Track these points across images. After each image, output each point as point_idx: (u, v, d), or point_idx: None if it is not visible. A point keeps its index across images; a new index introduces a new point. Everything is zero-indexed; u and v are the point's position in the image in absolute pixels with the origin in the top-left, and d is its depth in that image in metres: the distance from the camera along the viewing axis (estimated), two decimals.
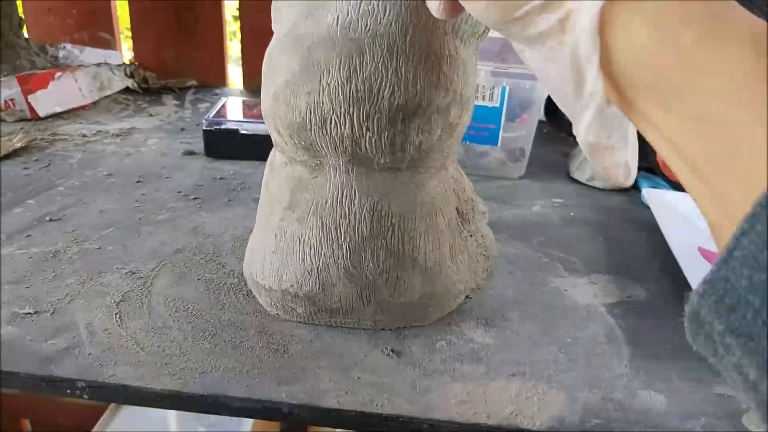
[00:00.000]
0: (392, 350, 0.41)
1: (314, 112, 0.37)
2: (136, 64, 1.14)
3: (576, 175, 0.78)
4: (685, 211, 0.63)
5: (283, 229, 0.41)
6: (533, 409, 0.36)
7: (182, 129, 0.89)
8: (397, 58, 0.36)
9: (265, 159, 0.77)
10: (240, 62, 1.19)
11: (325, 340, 0.42)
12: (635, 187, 0.77)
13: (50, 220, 0.57)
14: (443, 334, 0.43)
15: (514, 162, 0.76)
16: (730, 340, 0.18)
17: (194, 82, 1.17)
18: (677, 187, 0.71)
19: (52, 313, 0.43)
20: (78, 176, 0.68)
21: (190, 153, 0.78)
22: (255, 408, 0.36)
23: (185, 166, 0.74)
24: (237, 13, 1.16)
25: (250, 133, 0.76)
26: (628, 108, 0.24)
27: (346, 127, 0.37)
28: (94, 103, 0.99)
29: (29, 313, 0.42)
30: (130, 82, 1.08)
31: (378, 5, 0.36)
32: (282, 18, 0.41)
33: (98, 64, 1.02)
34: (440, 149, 0.40)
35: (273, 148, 0.45)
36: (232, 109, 0.84)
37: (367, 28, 0.36)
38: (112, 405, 1.23)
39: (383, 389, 0.37)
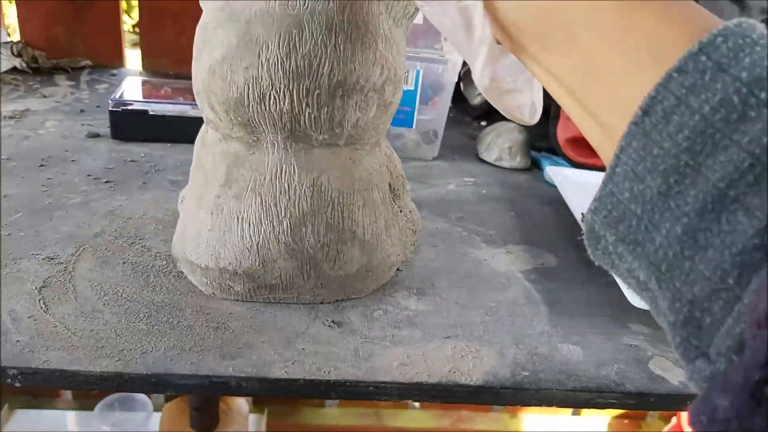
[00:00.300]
0: (333, 321, 0.42)
1: (253, 88, 0.37)
2: (23, 42, 1.05)
3: (484, 156, 0.82)
4: (584, 186, 0.69)
5: (219, 206, 0.41)
6: (469, 366, 0.39)
7: (82, 111, 0.84)
8: (335, 35, 0.37)
9: (175, 141, 0.75)
10: (134, 43, 1.14)
11: (265, 315, 0.42)
12: (538, 167, 0.82)
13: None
14: (379, 304, 0.45)
15: (428, 143, 0.79)
16: (621, 249, 0.21)
17: (88, 62, 1.10)
18: (577, 165, 0.77)
19: None
20: None
21: (95, 135, 0.74)
22: (202, 384, 0.36)
23: (91, 148, 0.70)
24: None
25: (159, 113, 0.74)
26: (520, 52, 0.26)
27: (286, 103, 0.38)
28: None
29: None
30: (17, 62, 1.00)
31: None
32: None
33: None
34: (375, 126, 0.42)
35: (203, 125, 0.45)
36: (137, 89, 0.80)
37: (306, 4, 0.36)
38: (7, 406, 1.15)
39: (328, 357, 0.38)
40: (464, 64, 0.94)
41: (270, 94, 0.37)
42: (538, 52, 0.25)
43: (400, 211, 0.49)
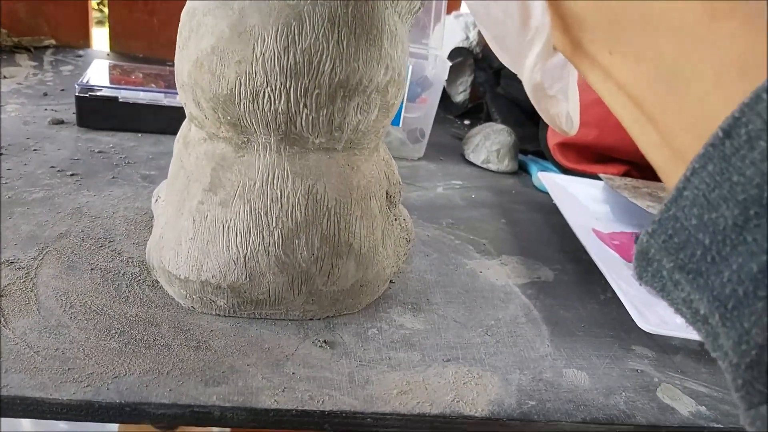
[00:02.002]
0: (324, 341, 0.38)
1: (245, 84, 0.34)
2: None
3: (471, 158, 0.80)
4: (575, 194, 0.67)
5: (203, 213, 0.37)
6: (472, 394, 0.36)
7: (45, 94, 0.79)
8: (339, 30, 0.33)
9: (146, 131, 0.71)
10: (98, 21, 1.07)
11: (250, 333, 0.38)
12: (525, 170, 0.80)
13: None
14: (373, 321, 0.42)
15: (414, 143, 0.76)
16: (678, 277, 0.19)
17: (52, 41, 1.04)
18: (566, 170, 0.75)
19: None
20: None
21: (59, 122, 0.69)
22: (182, 414, 0.32)
23: (55, 136, 0.65)
24: None
25: (130, 101, 0.69)
26: (574, 50, 0.23)
27: (281, 103, 0.34)
28: None
29: None
30: None
31: None
32: None
33: None
34: (376, 130, 0.39)
35: (185, 122, 0.41)
36: (106, 73, 0.75)
37: None
38: None
39: (321, 384, 0.35)
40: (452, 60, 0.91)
41: (264, 92, 0.34)
42: (601, 53, 0.22)
43: (395, 219, 0.45)
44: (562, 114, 0.28)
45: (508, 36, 0.25)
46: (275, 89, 0.34)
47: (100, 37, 1.13)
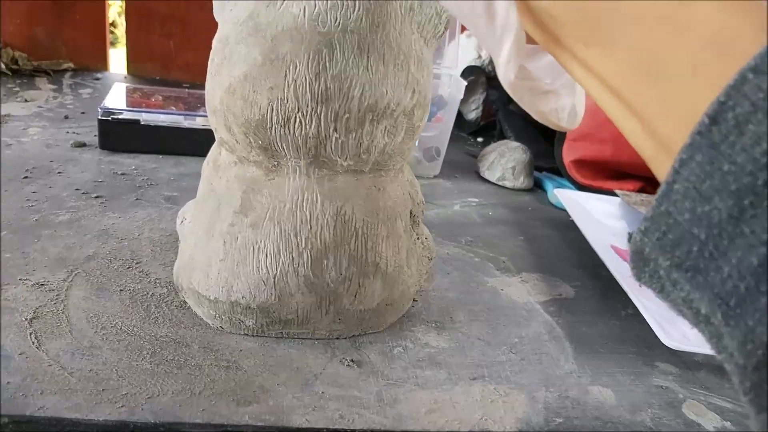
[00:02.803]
0: (352, 360, 0.39)
1: (277, 110, 0.34)
2: (3, 42, 1.00)
3: (486, 175, 0.80)
4: (592, 211, 0.67)
5: (233, 234, 0.38)
6: (500, 412, 0.37)
7: (66, 117, 0.80)
8: (368, 56, 0.34)
9: (167, 152, 0.72)
10: (111, 43, 1.09)
11: (279, 352, 0.39)
12: (540, 187, 0.81)
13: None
14: (399, 340, 0.42)
15: (430, 161, 0.77)
16: (676, 275, 0.18)
17: (70, 65, 1.06)
18: (582, 187, 0.75)
19: None
20: None
21: (82, 145, 0.70)
22: None
23: (78, 159, 0.66)
24: None
25: (151, 124, 0.70)
26: (553, 45, 0.22)
27: (312, 127, 0.35)
28: None
29: None
30: None
31: None
32: (229, 3, 0.38)
33: None
34: (402, 151, 0.39)
35: (214, 146, 0.42)
36: (126, 96, 0.76)
37: (337, 22, 0.34)
38: None
39: (351, 403, 0.35)
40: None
41: (295, 117, 0.35)
42: (576, 46, 0.21)
43: (417, 238, 0.46)
44: (565, 108, 0.26)
45: (480, 33, 0.24)
46: (306, 114, 0.34)
47: (116, 59, 1.15)
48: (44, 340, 0.37)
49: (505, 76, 0.23)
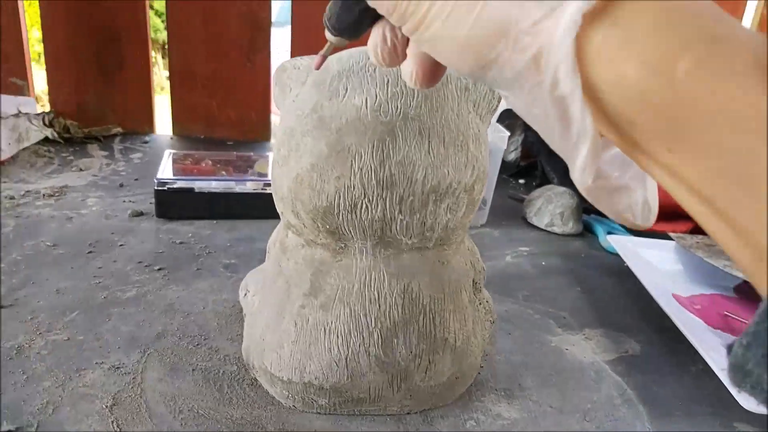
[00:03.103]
0: None
1: (344, 197, 0.35)
2: (54, 111, 1.05)
3: (534, 221, 0.80)
4: (648, 257, 0.66)
5: (304, 316, 0.38)
6: None
7: (121, 185, 0.83)
8: (429, 140, 0.35)
9: (220, 217, 0.74)
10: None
11: (352, 430, 0.39)
12: (590, 231, 0.80)
13: (1, 307, 0.50)
14: (470, 412, 0.42)
15: (477, 211, 0.77)
16: None
17: (119, 129, 1.10)
18: (632, 230, 0.74)
19: (37, 427, 0.37)
20: (18, 248, 0.61)
21: (139, 214, 0.73)
22: None
23: (136, 229, 0.68)
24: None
25: (205, 191, 0.72)
26: (631, 148, 0.21)
27: (378, 211, 0.36)
28: (13, 158, 0.90)
29: (10, 431, 0.37)
30: (49, 132, 1.00)
31: (406, 87, 0.35)
32: (291, 93, 0.39)
33: (16, 115, 0.93)
34: (463, 225, 0.40)
35: (280, 227, 0.43)
36: (177, 163, 0.79)
37: (398, 110, 0.35)
38: None
39: None
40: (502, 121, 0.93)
41: (362, 203, 0.35)
42: (659, 152, 0.20)
43: (479, 303, 0.46)
44: (638, 203, 0.25)
45: (553, 137, 0.23)
46: (372, 200, 0.35)
47: (160, 119, 1.19)
48: (125, 426, 0.38)
49: (582, 182, 0.23)
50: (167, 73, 1.13)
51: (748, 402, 0.41)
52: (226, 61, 1.08)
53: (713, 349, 0.48)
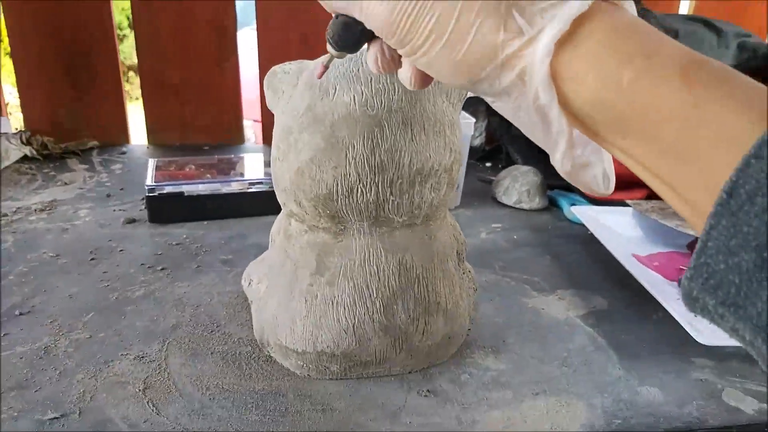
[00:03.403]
0: (428, 390, 0.44)
1: (341, 184, 0.40)
2: (29, 129, 1.07)
3: (503, 200, 0.86)
4: (609, 223, 0.73)
5: (313, 293, 0.43)
6: (566, 421, 0.42)
7: (108, 195, 0.86)
8: (411, 129, 0.40)
9: (210, 218, 0.78)
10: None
11: (363, 392, 0.44)
12: (555, 205, 0.86)
13: (20, 314, 0.53)
14: (463, 367, 0.47)
15: None
16: (722, 310, 0.23)
17: (95, 142, 1.12)
18: (593, 200, 0.81)
19: (80, 413, 0.41)
20: (22, 261, 0.64)
21: (132, 221, 0.76)
22: None
23: (132, 235, 0.72)
24: None
25: (194, 194, 0.76)
26: (594, 136, 0.28)
27: (372, 194, 0.41)
28: None
29: (56, 418, 0.41)
30: (27, 150, 1.02)
31: (388, 83, 0.40)
32: (284, 95, 0.44)
33: None
34: (444, 202, 0.45)
35: (281, 217, 0.47)
36: (163, 170, 0.82)
37: (383, 104, 0.40)
38: None
39: (436, 428, 0.41)
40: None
41: (357, 188, 0.40)
42: (615, 139, 0.26)
43: (464, 273, 0.52)
44: (599, 175, 0.30)
45: (537, 135, 0.29)
46: (366, 185, 0.40)
47: (135, 129, 1.21)
48: (161, 407, 0.42)
49: (562, 168, 0.29)
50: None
51: (702, 337, 0.47)
52: (196, 68, 1.11)
53: (672, 299, 0.54)
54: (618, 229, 0.71)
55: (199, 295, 0.58)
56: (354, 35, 0.31)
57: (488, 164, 1.09)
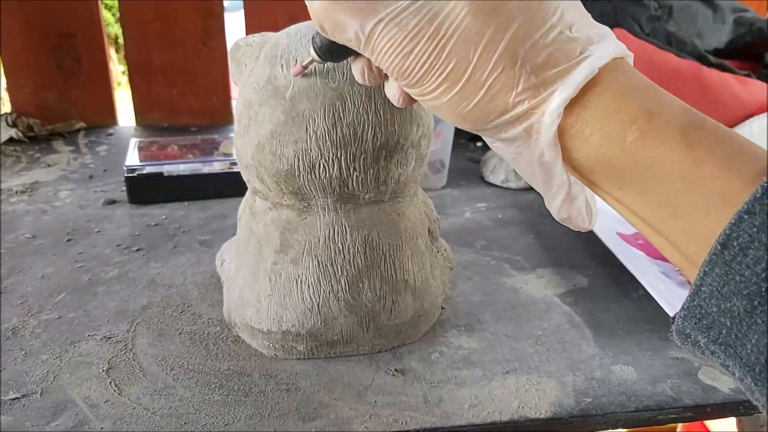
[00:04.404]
0: (395, 369, 0.43)
1: (302, 159, 0.39)
2: (15, 111, 1.06)
3: (491, 179, 0.85)
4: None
5: (277, 272, 0.42)
6: (534, 399, 0.41)
7: (91, 177, 0.85)
8: (375, 102, 0.39)
9: (191, 199, 0.77)
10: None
11: (330, 371, 0.43)
12: None
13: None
14: (434, 346, 0.46)
15: (436, 173, 0.82)
16: (714, 348, 0.24)
17: (83, 124, 1.11)
18: None
19: (42, 393, 0.41)
20: None
21: (112, 202, 0.75)
22: None
23: (111, 216, 0.71)
24: None
25: (174, 174, 0.75)
26: (590, 185, 0.29)
27: (334, 170, 0.40)
28: None
29: (17, 398, 0.40)
30: (13, 132, 1.01)
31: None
32: (246, 69, 0.42)
33: None
34: (414, 178, 0.44)
35: (248, 194, 0.46)
36: (144, 150, 0.81)
37: (345, 76, 0.39)
38: None
39: (401, 407, 0.40)
40: None
41: (319, 163, 0.39)
42: (612, 189, 0.27)
43: (437, 251, 0.50)
44: (582, 207, 0.31)
45: (535, 182, 0.30)
46: (328, 160, 0.39)
47: (123, 111, 1.20)
48: (123, 387, 0.42)
49: (559, 215, 0.31)
50: (122, 68, 1.14)
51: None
52: (183, 50, 1.10)
53: (652, 277, 0.53)
54: (604, 207, 0.70)
55: (172, 275, 0.57)
56: (343, 51, 0.31)
57: (479, 144, 1.08)
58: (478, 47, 0.26)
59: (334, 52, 0.32)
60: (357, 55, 0.31)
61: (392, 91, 0.32)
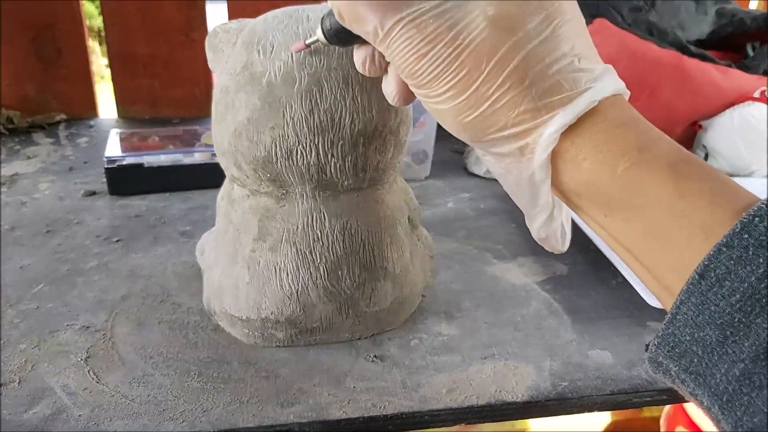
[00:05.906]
0: (375, 356, 0.44)
1: (279, 145, 0.39)
2: None
3: (474, 170, 0.85)
4: None
5: (255, 259, 0.42)
6: (512, 383, 0.41)
7: (71, 168, 0.84)
8: (352, 88, 0.39)
9: (172, 190, 0.76)
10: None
11: (310, 358, 0.44)
12: None
13: None
14: (414, 333, 0.47)
15: (419, 164, 0.82)
16: (684, 376, 0.24)
17: (63, 116, 1.09)
18: None
19: (20, 382, 0.40)
20: None
21: (92, 193, 0.75)
22: None
23: (91, 207, 0.71)
24: None
25: (154, 165, 0.75)
26: (575, 209, 0.29)
27: (312, 156, 0.40)
28: None
29: None
30: None
31: None
32: (223, 55, 0.42)
33: None
34: (393, 165, 0.44)
35: (226, 182, 0.46)
36: (125, 142, 0.80)
37: (322, 62, 0.38)
38: None
39: (379, 392, 0.40)
40: None
41: (296, 150, 0.39)
42: (597, 215, 0.28)
43: (418, 239, 0.51)
44: (558, 229, 0.32)
45: (519, 200, 0.30)
46: (306, 146, 0.39)
47: (104, 103, 1.19)
48: (102, 375, 0.41)
49: (538, 235, 0.32)
50: (105, 61, 1.13)
51: (656, 301, 0.47)
52: (165, 41, 1.09)
53: None
54: None
55: (152, 265, 0.57)
56: (351, 38, 0.31)
57: None
58: (491, 61, 0.26)
59: (341, 37, 0.32)
60: (362, 43, 0.31)
61: (389, 89, 0.32)
